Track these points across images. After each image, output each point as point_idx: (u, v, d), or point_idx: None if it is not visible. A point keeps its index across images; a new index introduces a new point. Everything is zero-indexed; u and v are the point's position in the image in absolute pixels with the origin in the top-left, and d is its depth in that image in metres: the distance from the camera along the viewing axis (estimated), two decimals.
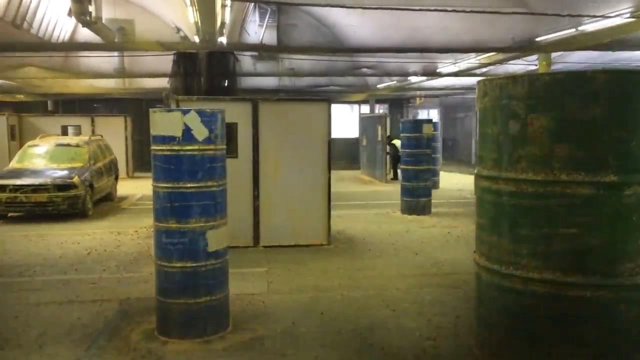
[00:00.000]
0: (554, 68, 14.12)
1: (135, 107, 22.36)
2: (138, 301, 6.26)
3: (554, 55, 14.14)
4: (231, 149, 7.81)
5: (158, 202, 5.06)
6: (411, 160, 12.32)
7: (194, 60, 12.15)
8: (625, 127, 3.14)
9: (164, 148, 4.95)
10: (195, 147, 4.92)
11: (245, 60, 19.53)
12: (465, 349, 4.82)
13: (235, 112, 8.37)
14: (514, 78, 3.43)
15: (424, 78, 19.98)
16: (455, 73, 18.10)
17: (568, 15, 10.09)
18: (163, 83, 15.18)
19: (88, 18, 11.76)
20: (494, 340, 3.44)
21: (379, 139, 18.94)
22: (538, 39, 12.65)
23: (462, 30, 14.66)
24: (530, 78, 3.40)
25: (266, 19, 22.21)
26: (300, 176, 8.85)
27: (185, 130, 4.87)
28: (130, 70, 20.73)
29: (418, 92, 25.00)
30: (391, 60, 18.31)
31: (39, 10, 17.18)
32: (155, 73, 16.81)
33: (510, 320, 3.36)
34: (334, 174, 9.58)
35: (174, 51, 12.61)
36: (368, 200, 14.32)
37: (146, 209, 10.97)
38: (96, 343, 5.08)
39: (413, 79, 20.42)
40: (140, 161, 20.71)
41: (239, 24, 21.31)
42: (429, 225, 10.90)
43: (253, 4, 19.33)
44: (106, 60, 19.92)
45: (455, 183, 17.88)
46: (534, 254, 3.24)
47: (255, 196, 8.79)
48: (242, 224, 8.61)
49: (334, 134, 9.93)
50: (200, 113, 4.93)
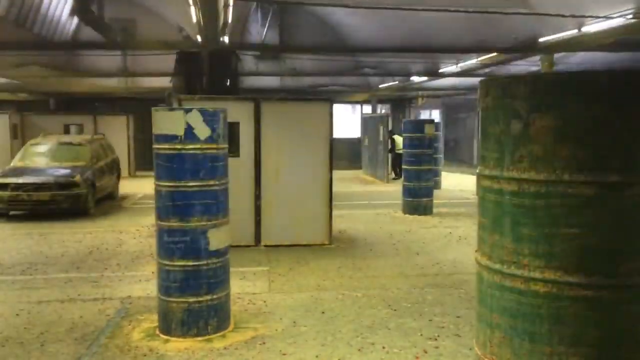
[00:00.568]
0: (556, 69, 14.10)
1: (138, 106, 22.29)
2: (139, 300, 6.27)
3: (556, 56, 14.10)
4: (233, 148, 7.83)
5: (160, 201, 5.07)
6: (413, 160, 12.33)
7: (197, 60, 12.14)
8: (628, 128, 3.14)
9: (166, 147, 4.96)
10: (197, 146, 4.93)
11: (248, 60, 19.51)
12: (467, 348, 4.83)
13: (238, 112, 8.38)
14: (516, 77, 3.42)
15: (425, 78, 19.98)
16: (457, 73, 18.09)
17: (571, 15, 10.07)
18: (165, 82, 15.19)
19: (91, 17, 11.77)
20: (495, 339, 3.44)
21: (381, 139, 18.95)
22: (541, 40, 12.63)
23: (464, 31, 14.63)
24: (533, 78, 3.39)
25: (268, 19, 22.21)
26: (302, 176, 8.85)
27: (188, 129, 4.88)
28: (133, 70, 20.74)
29: (420, 92, 24.98)
30: (393, 60, 18.32)
31: (42, 9, 17.20)
32: (157, 72, 16.80)
33: (511, 319, 3.36)
34: (336, 174, 9.59)
35: (177, 50, 12.64)
36: (370, 200, 14.33)
37: (148, 208, 10.98)
38: (98, 341, 5.09)
39: (415, 79, 20.43)
40: (142, 160, 20.68)
41: (242, 24, 21.32)
42: (430, 226, 10.90)
43: (255, 3, 19.33)
44: (109, 59, 19.93)
45: (457, 183, 17.86)
46: (536, 254, 3.24)
47: (257, 195, 8.80)
48: (244, 223, 8.62)
49: (336, 134, 9.94)
50: (202, 112, 4.94)
